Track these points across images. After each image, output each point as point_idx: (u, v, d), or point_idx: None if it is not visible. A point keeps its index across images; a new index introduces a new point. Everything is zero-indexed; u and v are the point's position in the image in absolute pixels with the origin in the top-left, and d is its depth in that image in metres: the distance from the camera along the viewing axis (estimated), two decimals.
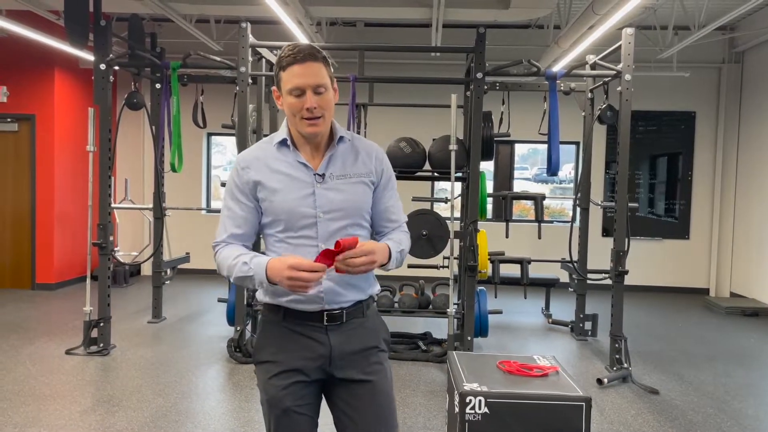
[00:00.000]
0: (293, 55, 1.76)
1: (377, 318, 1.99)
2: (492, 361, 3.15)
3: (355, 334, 1.88)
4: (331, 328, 1.85)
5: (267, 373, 1.85)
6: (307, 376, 1.84)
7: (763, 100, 7.90)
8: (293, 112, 1.79)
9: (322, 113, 1.79)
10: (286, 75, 1.77)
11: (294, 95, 1.77)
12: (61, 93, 7.84)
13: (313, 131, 1.80)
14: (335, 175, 1.85)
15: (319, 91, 1.77)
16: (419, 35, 8.22)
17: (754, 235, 8.06)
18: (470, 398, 2.69)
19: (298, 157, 1.85)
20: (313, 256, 1.73)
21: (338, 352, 1.85)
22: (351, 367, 1.87)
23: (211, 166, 9.58)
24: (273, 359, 1.85)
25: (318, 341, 1.84)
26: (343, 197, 1.83)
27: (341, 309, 1.85)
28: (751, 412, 4.23)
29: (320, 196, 1.82)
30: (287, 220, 1.82)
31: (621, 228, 4.99)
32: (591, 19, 5.56)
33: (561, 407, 2.68)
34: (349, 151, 1.90)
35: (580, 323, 6.12)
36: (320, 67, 1.78)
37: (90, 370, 4.76)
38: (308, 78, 1.76)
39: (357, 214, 1.86)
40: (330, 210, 1.82)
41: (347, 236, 1.77)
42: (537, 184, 10.46)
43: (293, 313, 1.84)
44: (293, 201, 1.81)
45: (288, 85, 1.77)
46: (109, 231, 5.18)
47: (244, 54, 5.04)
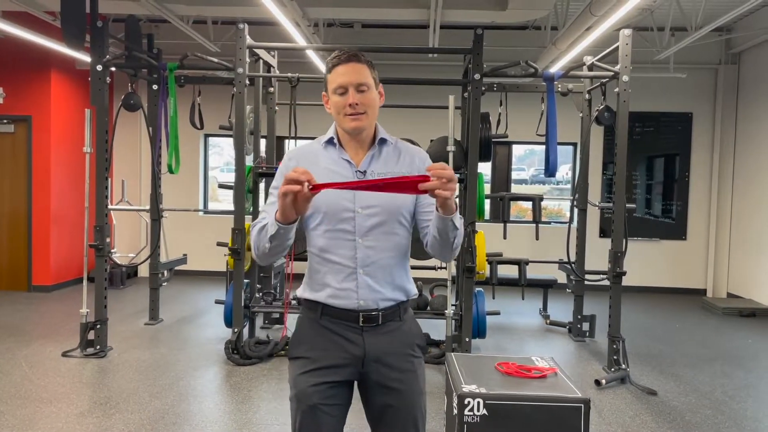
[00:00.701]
0: (338, 57, 1.88)
1: (413, 322, 2.02)
2: (490, 362, 3.14)
3: (390, 338, 1.91)
4: (367, 329, 1.88)
5: (299, 369, 1.89)
6: (338, 376, 1.87)
7: (760, 101, 7.92)
8: (338, 109, 1.88)
9: (365, 110, 1.86)
10: (332, 76, 1.88)
11: (338, 93, 1.86)
12: (58, 94, 7.82)
13: (355, 125, 1.87)
14: (376, 172, 1.91)
15: (361, 89, 1.86)
16: (417, 36, 8.22)
17: (751, 235, 8.07)
18: (469, 400, 2.68)
19: (342, 154, 1.92)
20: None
21: (372, 354, 1.88)
22: (383, 370, 1.90)
23: (209, 168, 9.56)
24: (307, 356, 1.89)
25: (353, 342, 1.88)
26: (382, 194, 1.85)
27: (377, 311, 1.89)
28: (750, 413, 4.23)
29: (360, 191, 1.87)
30: (326, 212, 1.87)
31: (618, 229, 4.99)
32: (588, 20, 5.56)
33: (560, 409, 2.67)
34: (392, 153, 1.96)
35: (578, 324, 6.12)
36: (363, 67, 1.88)
37: (87, 373, 4.75)
38: (351, 76, 1.85)
39: (395, 211, 1.89)
40: (368, 206, 1.87)
41: (383, 233, 1.86)
42: (535, 186, 10.46)
43: (330, 312, 1.89)
44: (334, 195, 1.85)
45: (333, 85, 1.87)
46: (106, 233, 5.17)
47: (241, 55, 5.03)
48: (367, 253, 1.87)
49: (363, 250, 1.87)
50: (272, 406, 4.14)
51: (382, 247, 1.88)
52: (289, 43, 6.42)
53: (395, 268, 1.91)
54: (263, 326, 6.20)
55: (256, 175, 5.54)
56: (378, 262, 1.88)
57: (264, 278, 6.07)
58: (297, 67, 6.89)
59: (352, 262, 1.87)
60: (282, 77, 5.49)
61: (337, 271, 1.88)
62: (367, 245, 1.87)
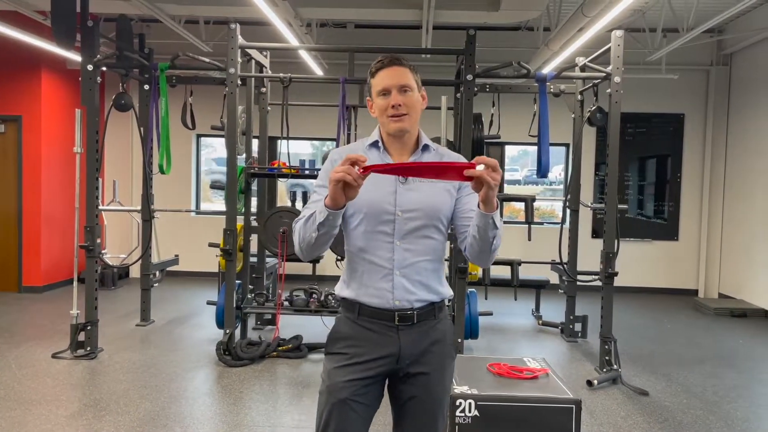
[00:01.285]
0: (381, 61, 1.95)
1: (447, 323, 2.05)
2: (482, 363, 3.14)
3: (425, 336, 1.95)
4: (402, 328, 1.92)
5: (334, 363, 1.94)
6: (373, 371, 1.91)
7: (751, 101, 7.95)
8: (381, 111, 1.93)
9: (407, 111, 1.91)
10: (376, 80, 1.95)
11: (382, 96, 1.92)
12: (49, 94, 7.78)
13: (397, 126, 1.91)
14: (417, 179, 1.93)
15: (404, 90, 1.91)
16: (410, 37, 8.22)
17: (742, 236, 8.10)
18: (460, 401, 2.67)
19: (385, 157, 1.97)
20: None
21: (407, 351, 1.93)
22: (416, 367, 1.94)
23: (201, 168, 9.53)
24: (343, 351, 1.94)
25: (389, 339, 1.92)
26: (423, 198, 1.91)
27: (412, 310, 1.92)
28: (740, 413, 4.25)
29: (401, 195, 1.91)
30: (367, 213, 1.91)
31: (610, 229, 5.00)
32: (580, 21, 5.57)
33: (551, 410, 2.67)
34: (435, 158, 1.99)
35: (570, 325, 6.12)
36: (406, 71, 1.94)
37: (77, 374, 4.71)
38: (393, 79, 1.91)
39: (434, 216, 1.92)
40: (409, 209, 1.90)
41: (421, 237, 1.90)
42: (527, 186, 10.47)
43: (367, 311, 1.93)
44: (376, 197, 1.90)
45: (377, 88, 1.94)
46: (97, 233, 5.14)
47: (233, 55, 5.01)
48: (405, 255, 1.91)
49: (401, 252, 1.91)
50: (264, 407, 4.12)
51: (419, 251, 1.93)
52: (281, 44, 6.40)
53: (431, 272, 1.96)
54: (255, 327, 6.18)
55: (248, 175, 5.52)
56: (414, 264, 1.93)
57: (256, 279, 6.06)
58: (289, 67, 6.88)
59: (389, 264, 1.91)
60: (274, 77, 5.47)
61: (375, 271, 1.92)
62: (404, 248, 1.92)
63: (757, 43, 7.72)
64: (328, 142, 9.18)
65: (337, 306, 5.30)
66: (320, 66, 8.19)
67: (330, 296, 5.37)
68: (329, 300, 5.35)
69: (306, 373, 4.86)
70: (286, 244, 5.24)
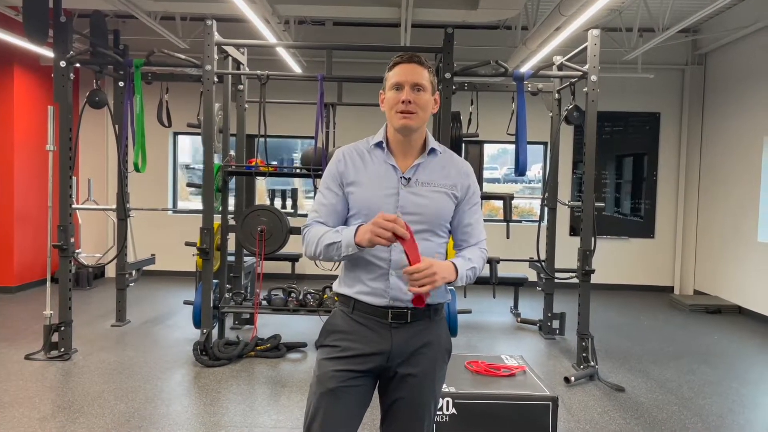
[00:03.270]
0: (401, 56, 1.95)
1: (443, 326, 2.05)
2: (460, 361, 3.14)
3: (418, 336, 1.95)
4: (395, 326, 1.93)
5: (325, 354, 1.96)
6: (363, 366, 1.92)
7: (725, 100, 8.07)
8: (390, 105, 1.93)
9: (416, 110, 1.91)
10: (391, 73, 1.95)
11: (394, 89, 1.93)
12: (21, 91, 7.64)
13: (404, 123, 1.91)
14: (420, 181, 1.95)
15: (417, 88, 1.91)
16: (388, 35, 8.21)
17: (717, 233, 8.22)
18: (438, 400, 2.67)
19: (389, 159, 1.97)
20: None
21: (398, 349, 1.93)
22: (406, 366, 1.94)
23: (177, 166, 9.43)
24: (335, 344, 1.96)
25: (381, 337, 1.93)
26: (424, 202, 1.93)
27: (406, 308, 1.92)
28: (715, 408, 4.30)
29: (403, 197, 1.92)
30: (368, 214, 1.90)
31: (587, 227, 5.04)
32: (558, 20, 5.60)
33: (528, 407, 2.69)
34: (439, 163, 2.00)
35: (548, 322, 6.16)
36: (423, 70, 1.93)
37: (50, 376, 4.63)
38: (408, 75, 1.91)
39: (435, 221, 1.94)
40: (410, 212, 1.91)
41: (420, 240, 1.88)
42: (506, 185, 10.52)
43: (361, 307, 1.94)
44: (377, 198, 1.92)
45: (391, 81, 1.94)
46: (70, 232, 5.05)
47: (209, 52, 4.96)
48: (402, 256, 1.90)
49: (398, 253, 1.90)
50: (241, 408, 4.08)
51: None
52: (258, 41, 6.35)
53: None
54: (233, 327, 6.13)
55: (225, 173, 5.47)
56: None
57: (234, 278, 6.01)
58: (267, 64, 6.83)
59: (386, 264, 1.92)
60: (251, 75, 5.42)
61: (371, 270, 1.93)
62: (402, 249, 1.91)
63: (731, 43, 7.84)
64: (307, 140, 9.14)
65: (317, 305, 5.30)
66: (298, 63, 8.15)
67: (308, 295, 5.34)
68: (308, 299, 5.32)
69: (284, 373, 4.83)
70: (264, 243, 5.21)
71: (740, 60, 7.73)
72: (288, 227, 5.24)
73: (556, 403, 2.69)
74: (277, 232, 5.21)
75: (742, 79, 7.66)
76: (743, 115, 7.59)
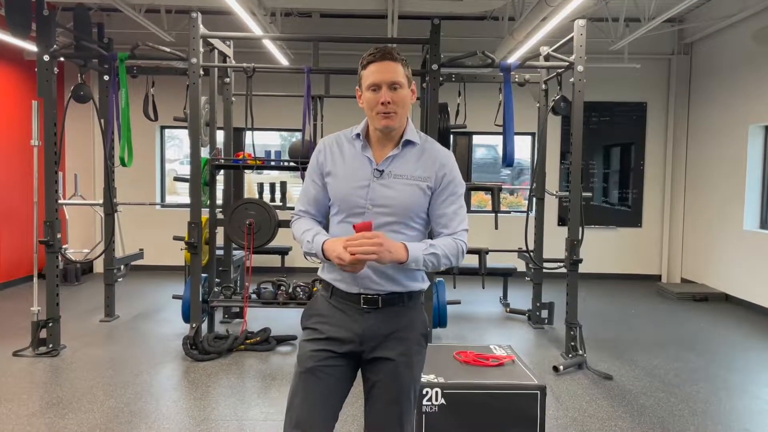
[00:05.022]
0: (373, 54, 1.93)
1: (418, 311, 2.08)
2: (449, 351, 3.16)
3: (391, 320, 1.99)
4: (368, 311, 1.98)
5: (305, 337, 2.05)
6: (339, 348, 1.97)
7: (711, 89, 8.12)
8: (370, 106, 1.94)
9: (396, 109, 1.92)
10: (366, 72, 1.94)
11: (371, 90, 1.92)
12: (5, 85, 7.56)
13: (386, 124, 1.93)
14: (394, 173, 1.97)
15: (394, 87, 1.91)
16: (375, 26, 8.18)
17: (703, 221, 8.29)
18: (427, 390, 2.69)
19: (366, 151, 2.00)
20: None
21: (371, 333, 1.97)
22: (380, 349, 1.98)
23: (165, 160, 9.37)
24: (314, 327, 2.03)
25: (355, 321, 1.98)
26: (394, 195, 1.95)
27: (378, 295, 1.98)
28: (701, 395, 4.35)
29: (373, 189, 1.95)
30: (341, 205, 1.98)
31: (575, 217, 5.06)
32: (544, 10, 5.61)
33: (516, 396, 2.71)
34: (416, 155, 2.01)
35: (537, 312, 6.20)
36: (397, 65, 1.93)
37: (39, 372, 4.61)
38: (384, 75, 1.90)
39: (404, 214, 1.96)
40: (379, 204, 1.94)
41: (391, 232, 1.92)
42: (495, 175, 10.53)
43: (338, 292, 2.01)
44: (349, 189, 1.96)
45: (366, 82, 1.93)
46: (57, 228, 5.02)
47: (195, 45, 4.92)
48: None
49: None
50: (231, 401, 4.09)
51: None
52: (244, 33, 6.31)
53: (398, 267, 1.94)
54: (223, 321, 6.12)
55: (212, 167, 5.44)
56: None
57: (223, 272, 5.99)
58: (254, 57, 6.78)
59: None
60: (238, 67, 5.39)
61: None
62: None
63: (717, 32, 7.88)
64: (296, 133, 9.10)
65: (307, 298, 5.30)
66: (285, 56, 8.11)
67: (298, 288, 5.34)
68: (297, 292, 5.32)
69: (274, 366, 4.83)
70: (253, 237, 5.19)
71: (726, 49, 7.77)
72: (277, 220, 5.23)
73: (545, 391, 2.71)
74: (265, 226, 5.20)
75: (727, 68, 7.70)
76: (729, 104, 7.65)
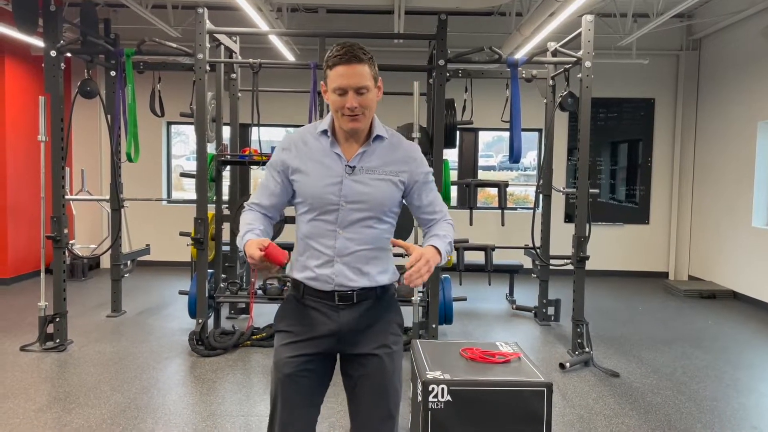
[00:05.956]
0: (340, 56, 1.87)
1: (392, 303, 2.09)
2: (455, 348, 3.14)
3: (366, 315, 1.99)
4: (342, 307, 1.97)
5: (280, 341, 2.02)
6: (315, 348, 1.97)
7: (720, 85, 8.06)
8: (336, 108, 1.91)
9: (363, 111, 1.91)
10: (332, 74, 1.89)
11: (337, 93, 1.89)
12: (12, 81, 7.57)
13: (353, 126, 1.92)
14: (365, 168, 1.96)
15: (361, 92, 1.88)
16: (382, 22, 8.16)
17: (711, 218, 8.24)
18: (433, 386, 2.67)
19: (334, 147, 1.97)
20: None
21: (347, 329, 1.97)
22: (358, 344, 1.98)
23: (172, 156, 9.38)
24: (288, 329, 2.01)
25: (329, 318, 1.97)
26: (367, 190, 1.94)
27: (352, 291, 1.97)
28: (708, 393, 4.33)
29: (346, 186, 1.94)
30: (312, 203, 1.95)
31: (582, 214, 5.03)
32: (552, 5, 5.57)
33: (523, 393, 2.69)
34: (386, 149, 2.01)
35: (544, 309, 6.18)
36: (364, 68, 1.89)
37: (46, 367, 4.63)
38: (351, 79, 1.87)
39: (378, 208, 1.96)
40: (353, 200, 1.93)
41: (365, 227, 1.94)
42: (502, 172, 10.51)
43: (310, 291, 1.99)
44: (321, 187, 1.93)
45: (333, 84, 1.89)
46: (64, 223, 5.03)
47: (201, 40, 4.92)
48: (346, 244, 1.94)
49: (342, 241, 1.94)
50: (237, 397, 4.09)
51: (361, 240, 1.96)
52: (251, 28, 6.30)
53: (372, 260, 1.99)
54: (229, 316, 6.13)
55: (218, 163, 5.44)
56: (355, 253, 1.96)
57: (229, 268, 6.00)
58: (260, 53, 6.78)
59: (331, 251, 1.95)
60: (244, 63, 5.39)
61: (317, 257, 1.97)
62: (347, 237, 1.95)
63: (726, 28, 7.82)
64: None
65: None
66: (291, 51, 8.10)
67: None
68: None
69: None
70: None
71: (735, 45, 7.71)
72: (283, 216, 5.22)
73: (551, 389, 2.70)
74: None
75: (736, 64, 7.64)
76: (738, 100, 7.59)
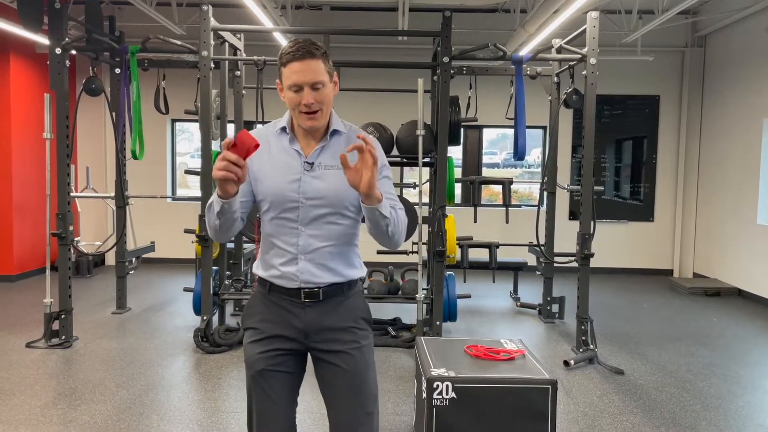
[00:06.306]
0: (293, 52, 1.84)
1: (359, 298, 2.07)
2: (459, 345, 3.15)
3: (332, 311, 1.98)
4: (309, 304, 1.95)
5: (249, 338, 2.01)
6: (284, 345, 1.96)
7: (725, 82, 8.03)
8: (292, 106, 1.89)
9: (320, 107, 1.88)
10: (287, 71, 1.86)
11: (293, 90, 1.86)
12: (18, 78, 7.60)
13: (310, 124, 1.90)
14: (324, 164, 1.93)
15: (316, 87, 1.85)
16: (386, 19, 8.14)
17: (716, 216, 8.22)
18: (437, 383, 2.68)
19: (293, 144, 1.96)
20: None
21: (313, 326, 1.96)
22: (327, 342, 1.97)
23: (176, 153, 9.40)
24: (255, 326, 2.00)
25: (296, 315, 1.95)
26: (327, 186, 1.91)
27: (318, 287, 1.95)
28: (713, 390, 4.32)
29: (305, 183, 1.91)
30: (272, 201, 1.92)
31: (586, 211, 5.02)
32: (556, 2, 5.56)
33: (527, 390, 2.69)
34: (343, 143, 1.97)
35: (548, 306, 6.18)
36: (318, 63, 1.85)
37: (51, 364, 4.65)
38: (306, 75, 1.84)
39: (339, 204, 1.93)
40: (312, 197, 1.91)
41: (327, 223, 1.91)
42: (506, 169, 10.50)
43: (277, 288, 1.97)
44: (281, 185, 1.91)
45: (288, 81, 1.86)
46: (69, 220, 5.04)
47: (205, 38, 4.92)
48: (310, 241, 1.92)
49: (305, 238, 1.92)
50: (242, 393, 4.10)
51: (325, 236, 1.94)
52: (255, 26, 6.30)
53: (337, 256, 1.96)
54: (234, 313, 6.14)
55: None
56: (319, 250, 1.94)
57: (234, 265, 6.01)
58: (264, 50, 6.77)
59: (295, 249, 1.93)
60: (248, 60, 5.39)
61: (281, 255, 1.95)
62: (309, 234, 1.93)
63: (731, 25, 7.78)
64: None
65: None
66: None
67: None
68: None
69: None
70: None
71: (740, 42, 7.68)
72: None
73: (556, 386, 2.70)
74: None
75: (741, 61, 7.61)
76: (743, 97, 7.56)
